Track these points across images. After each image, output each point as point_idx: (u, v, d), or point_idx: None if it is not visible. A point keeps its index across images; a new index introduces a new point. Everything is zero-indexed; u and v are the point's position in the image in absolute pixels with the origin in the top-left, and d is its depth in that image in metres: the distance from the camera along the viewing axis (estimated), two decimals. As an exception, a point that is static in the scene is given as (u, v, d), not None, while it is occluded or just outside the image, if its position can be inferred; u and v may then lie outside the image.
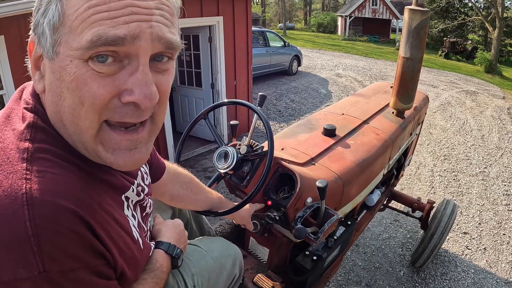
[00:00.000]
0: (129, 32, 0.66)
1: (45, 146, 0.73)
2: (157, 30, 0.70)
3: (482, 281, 3.68)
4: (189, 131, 1.95)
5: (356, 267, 3.80)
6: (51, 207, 0.65)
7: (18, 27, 3.96)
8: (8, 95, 4.07)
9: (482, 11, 22.23)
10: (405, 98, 2.72)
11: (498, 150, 7.32)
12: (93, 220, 0.71)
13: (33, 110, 0.77)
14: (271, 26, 42.28)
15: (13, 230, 0.62)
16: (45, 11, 0.69)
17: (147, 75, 0.71)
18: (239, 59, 7.13)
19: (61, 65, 0.68)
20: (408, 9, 2.47)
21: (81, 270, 0.68)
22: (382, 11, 30.92)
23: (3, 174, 0.66)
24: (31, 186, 0.65)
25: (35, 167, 0.68)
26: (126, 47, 0.67)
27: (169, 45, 0.73)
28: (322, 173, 1.99)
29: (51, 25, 0.68)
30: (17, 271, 0.62)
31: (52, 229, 0.64)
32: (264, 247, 2.18)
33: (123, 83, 0.70)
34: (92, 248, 0.71)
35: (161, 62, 0.75)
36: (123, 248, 0.83)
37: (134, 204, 0.99)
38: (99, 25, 0.65)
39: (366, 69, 16.28)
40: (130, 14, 0.66)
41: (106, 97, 0.69)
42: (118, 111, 0.72)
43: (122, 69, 0.70)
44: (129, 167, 0.80)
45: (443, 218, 3.39)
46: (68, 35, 0.67)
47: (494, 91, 13.36)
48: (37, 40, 0.72)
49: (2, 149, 0.70)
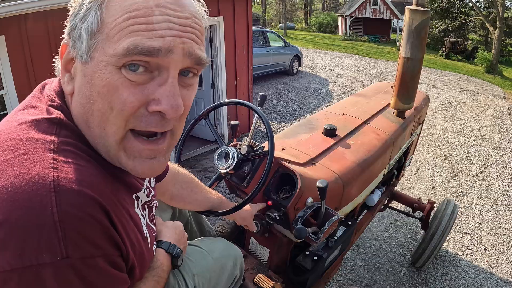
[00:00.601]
0: (164, 45, 0.70)
1: (70, 140, 0.75)
2: (189, 46, 0.74)
3: (482, 281, 3.68)
4: (190, 131, 1.95)
5: (356, 267, 3.80)
6: (77, 195, 0.67)
7: (18, 27, 3.97)
8: (8, 95, 4.07)
9: (483, 11, 22.24)
10: (405, 98, 2.71)
11: (498, 150, 7.32)
12: (113, 212, 0.74)
13: (59, 108, 0.80)
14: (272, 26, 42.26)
15: (40, 215, 0.63)
16: (84, 17, 0.72)
17: (176, 87, 0.74)
18: (240, 59, 7.13)
19: (94, 70, 0.72)
20: (409, 9, 2.47)
21: (100, 258, 0.70)
22: (383, 11, 30.94)
23: (30, 162, 0.68)
24: (58, 175, 0.67)
25: (61, 158, 0.70)
26: (159, 59, 0.71)
27: (198, 61, 0.77)
28: (323, 173, 1.99)
29: (89, 30, 0.71)
30: (41, 255, 0.63)
31: (77, 216, 0.66)
32: (264, 247, 2.18)
33: (152, 93, 0.73)
34: (110, 238, 0.73)
35: (187, 77, 0.79)
36: (135, 244, 0.85)
37: (143, 204, 1.01)
38: (136, 35, 0.69)
39: (367, 69, 16.28)
40: (167, 29, 0.71)
41: (136, 105, 0.73)
42: (144, 120, 0.75)
43: (151, 80, 0.73)
44: (147, 175, 0.84)
45: (444, 218, 3.39)
46: (104, 42, 0.70)
47: (495, 91, 13.37)
48: (72, 43, 0.75)
49: (28, 139, 0.71)
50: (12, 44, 3.98)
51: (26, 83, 4.13)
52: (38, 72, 4.19)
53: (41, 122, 0.75)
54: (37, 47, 4.15)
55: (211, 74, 6.72)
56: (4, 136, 0.73)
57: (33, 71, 4.19)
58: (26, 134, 0.72)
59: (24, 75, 4.13)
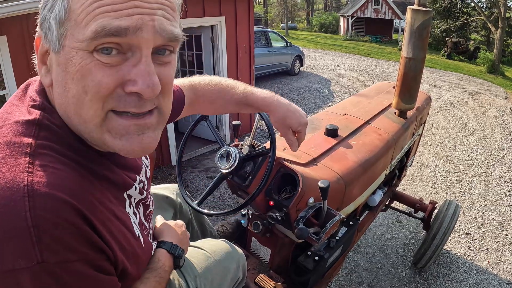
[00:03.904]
0: (132, 23, 0.69)
1: (48, 143, 0.74)
2: (159, 23, 0.73)
3: (484, 282, 3.67)
4: (191, 132, 1.95)
5: (358, 268, 3.80)
6: (51, 199, 0.67)
7: (20, 27, 3.97)
8: (10, 94, 4.06)
9: (485, 11, 22.19)
10: (407, 98, 2.71)
11: (500, 150, 7.30)
12: (92, 215, 0.72)
13: (39, 107, 0.79)
14: (273, 26, 42.27)
15: (13, 220, 0.63)
16: (52, 7, 0.72)
17: (150, 66, 0.73)
18: (241, 59, 7.13)
19: (67, 57, 0.72)
20: (411, 9, 2.47)
21: (78, 262, 0.69)
22: (385, 11, 30.90)
23: (6, 167, 0.68)
24: (32, 179, 0.67)
25: (37, 162, 0.70)
26: (128, 39, 0.70)
27: (171, 38, 0.76)
28: (324, 173, 1.99)
29: (58, 19, 0.71)
30: (17, 261, 0.63)
31: (51, 221, 0.65)
32: (266, 247, 2.18)
33: (126, 73, 0.72)
34: (90, 242, 0.72)
35: (163, 55, 0.78)
36: (124, 245, 0.84)
37: (137, 203, 1.00)
38: (103, 17, 0.68)
39: (369, 69, 16.26)
40: (133, 7, 0.70)
41: (111, 86, 0.72)
42: (122, 100, 0.74)
43: (125, 61, 0.72)
44: (138, 153, 0.81)
45: (445, 219, 3.38)
46: (73, 28, 0.70)
47: (497, 91, 13.34)
48: (44, 35, 0.75)
49: (6, 143, 0.71)
50: (14, 44, 3.98)
51: (28, 83, 4.12)
52: (39, 72, 4.19)
53: (20, 124, 0.75)
54: (39, 47, 4.15)
55: (212, 74, 6.69)
56: None
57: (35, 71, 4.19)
58: (5, 138, 0.73)
59: (26, 75, 4.06)
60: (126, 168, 0.95)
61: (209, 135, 6.85)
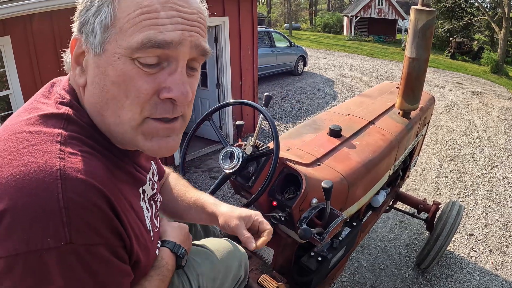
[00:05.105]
0: (175, 38, 0.77)
1: (76, 135, 0.79)
2: (195, 39, 0.81)
3: (487, 283, 3.66)
4: (195, 132, 1.95)
5: (361, 268, 3.79)
6: (83, 184, 0.70)
7: (24, 27, 3.98)
8: (14, 94, 4.09)
9: (489, 11, 22.15)
10: (411, 98, 2.71)
11: (504, 151, 7.28)
12: (116, 203, 0.76)
13: (68, 104, 0.84)
14: (277, 26, 42.25)
15: (46, 201, 0.66)
16: (97, 12, 0.77)
17: (185, 76, 0.81)
18: (245, 59, 7.13)
19: (108, 61, 0.77)
20: (414, 9, 2.46)
21: (102, 246, 0.72)
22: (388, 11, 30.84)
23: (38, 152, 0.71)
24: (65, 164, 0.70)
25: (68, 149, 0.74)
26: (169, 51, 0.77)
27: (203, 52, 0.85)
28: (328, 174, 1.98)
29: (103, 24, 0.77)
30: (46, 240, 0.65)
31: (81, 204, 0.69)
32: (269, 247, 2.18)
33: (163, 81, 0.79)
34: (113, 228, 0.75)
35: (192, 68, 0.86)
36: (138, 236, 0.87)
37: (149, 199, 1.04)
38: (149, 30, 0.75)
39: (372, 70, 16.24)
40: (176, 23, 0.77)
41: (150, 92, 0.78)
42: (158, 107, 0.80)
43: (162, 70, 0.79)
44: (164, 153, 0.88)
45: (449, 220, 3.38)
46: (118, 35, 0.76)
47: (501, 91, 13.29)
48: (84, 37, 0.80)
49: (36, 132, 0.75)
50: (18, 44, 4.00)
51: (32, 83, 4.14)
52: (44, 72, 4.21)
53: (50, 117, 0.79)
54: (42, 47, 4.17)
55: (216, 75, 6.73)
56: (14, 129, 0.76)
57: (39, 71, 4.21)
58: (35, 128, 0.76)
59: (29, 75, 4.15)
60: (141, 166, 1.01)
61: (213, 135, 6.85)
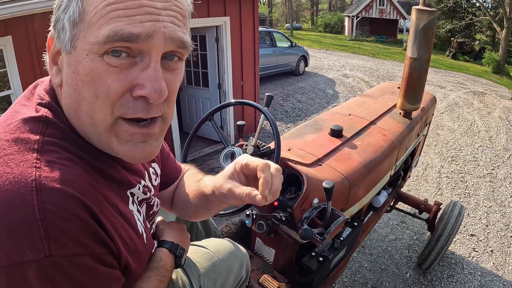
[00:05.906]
0: (144, 30, 0.70)
1: (55, 140, 0.76)
2: (170, 30, 0.74)
3: (488, 284, 3.66)
4: (196, 132, 1.95)
5: (362, 269, 3.79)
6: (59, 193, 0.67)
7: (25, 27, 3.99)
8: (15, 94, 4.10)
9: (490, 11, 22.10)
10: (412, 98, 2.70)
11: (505, 151, 7.27)
12: (98, 210, 0.74)
13: (47, 106, 0.81)
14: (278, 26, 42.27)
15: (22, 214, 0.64)
16: (66, 8, 0.73)
17: (158, 71, 0.74)
18: (246, 60, 7.13)
19: (78, 59, 0.73)
20: (416, 9, 2.46)
21: (85, 256, 0.70)
22: (389, 11, 30.83)
23: (14, 162, 0.69)
24: (40, 174, 0.68)
25: (44, 157, 0.71)
26: (139, 44, 0.71)
27: (180, 45, 0.77)
28: (329, 174, 1.98)
29: (71, 20, 0.73)
30: (25, 254, 0.63)
31: (59, 214, 0.66)
32: (270, 247, 2.18)
33: (135, 78, 0.73)
34: (96, 236, 0.73)
35: (172, 61, 0.79)
36: (127, 241, 0.85)
37: (140, 201, 1.00)
38: (116, 22, 0.69)
39: (373, 70, 16.23)
40: (145, 14, 0.71)
41: (119, 91, 0.73)
42: (130, 106, 0.75)
43: (134, 65, 0.73)
44: (139, 159, 0.83)
45: (450, 220, 3.37)
46: (86, 30, 0.71)
47: (502, 91, 13.27)
48: (57, 35, 0.77)
49: (13, 140, 0.73)
50: (19, 44, 4.00)
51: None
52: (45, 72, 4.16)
53: (28, 121, 0.77)
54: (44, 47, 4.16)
55: (217, 75, 6.73)
56: None
57: (40, 71, 4.20)
58: (12, 135, 0.74)
59: (31, 75, 4.15)
60: (130, 170, 0.96)
61: (214, 135, 6.86)
